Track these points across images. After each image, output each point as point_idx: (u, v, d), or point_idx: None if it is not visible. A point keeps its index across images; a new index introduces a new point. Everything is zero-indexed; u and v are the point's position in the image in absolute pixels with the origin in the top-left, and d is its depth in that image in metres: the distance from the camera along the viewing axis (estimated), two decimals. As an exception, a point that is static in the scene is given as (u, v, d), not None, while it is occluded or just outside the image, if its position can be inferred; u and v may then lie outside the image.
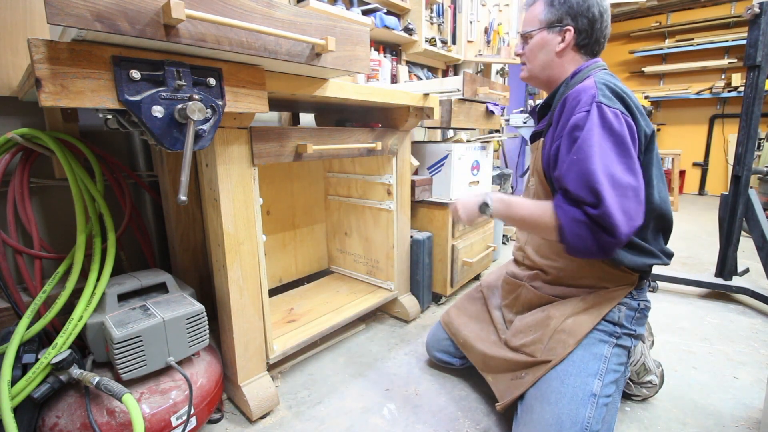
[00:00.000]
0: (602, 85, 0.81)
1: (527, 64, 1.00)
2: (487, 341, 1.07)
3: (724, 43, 4.19)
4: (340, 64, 0.90)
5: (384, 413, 1.05)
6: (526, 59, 1.00)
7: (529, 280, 1.03)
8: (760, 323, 1.54)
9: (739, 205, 1.68)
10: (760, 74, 1.55)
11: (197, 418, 0.88)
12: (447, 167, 1.63)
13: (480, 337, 1.09)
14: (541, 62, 0.96)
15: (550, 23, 0.92)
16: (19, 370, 0.76)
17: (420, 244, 1.57)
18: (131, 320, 0.82)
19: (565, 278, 0.96)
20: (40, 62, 0.56)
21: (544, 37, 0.94)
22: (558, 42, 0.92)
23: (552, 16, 0.91)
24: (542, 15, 0.93)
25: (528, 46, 0.97)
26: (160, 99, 0.66)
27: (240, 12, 0.70)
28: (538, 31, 0.94)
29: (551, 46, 0.93)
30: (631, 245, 0.87)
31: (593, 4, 0.90)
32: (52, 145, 0.94)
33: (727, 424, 1.00)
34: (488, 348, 1.04)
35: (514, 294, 1.07)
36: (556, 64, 0.95)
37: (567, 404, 0.82)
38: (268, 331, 1.06)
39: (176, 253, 1.24)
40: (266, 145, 0.99)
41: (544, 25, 0.93)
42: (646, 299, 0.95)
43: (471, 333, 1.12)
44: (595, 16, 0.90)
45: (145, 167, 1.27)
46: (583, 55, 0.94)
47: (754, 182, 3.24)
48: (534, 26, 0.95)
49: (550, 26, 0.92)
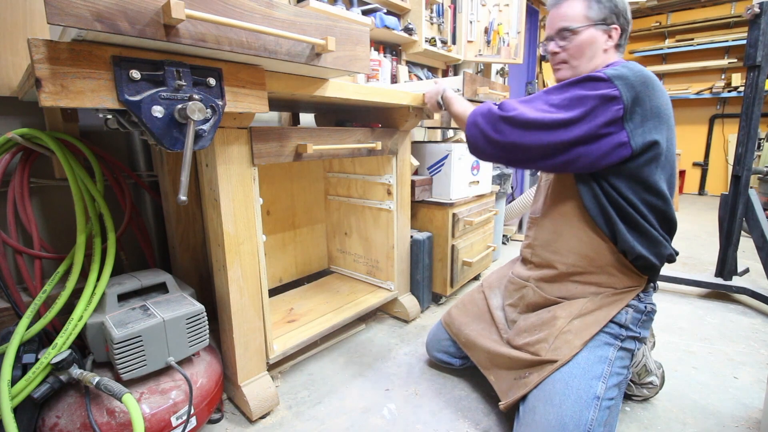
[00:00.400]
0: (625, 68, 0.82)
1: (572, 60, 0.96)
2: (490, 339, 1.06)
3: (724, 43, 4.19)
4: (340, 64, 0.90)
5: (384, 413, 1.05)
6: (569, 56, 0.96)
7: (535, 281, 1.03)
8: (760, 323, 1.54)
9: (739, 205, 1.68)
10: (760, 74, 1.55)
11: (197, 418, 0.88)
12: (447, 167, 1.63)
13: (482, 335, 1.09)
14: (588, 59, 0.95)
15: (600, 20, 0.92)
16: (19, 370, 0.76)
17: (420, 244, 1.57)
18: (131, 320, 0.82)
19: (574, 275, 0.96)
20: (40, 62, 0.56)
21: (593, 34, 0.92)
22: (606, 40, 0.93)
23: (601, 13, 0.92)
24: (589, 12, 0.92)
25: (573, 42, 0.94)
26: (160, 99, 0.66)
27: (240, 12, 0.70)
28: (586, 27, 0.92)
29: (599, 43, 0.93)
30: (642, 232, 0.87)
31: (626, 7, 0.94)
32: (52, 145, 0.94)
33: (727, 424, 1.00)
34: (491, 345, 1.04)
35: (519, 294, 1.06)
36: (599, 62, 0.94)
37: (570, 406, 0.82)
38: (268, 331, 1.06)
39: (176, 253, 1.24)
40: (266, 145, 0.99)
41: (593, 21, 0.92)
42: (652, 302, 0.95)
43: (473, 332, 1.11)
44: (630, 18, 0.94)
45: (145, 167, 1.27)
46: (618, 51, 0.96)
47: (754, 182, 3.24)
48: (580, 22, 0.93)
49: (600, 23, 0.92)
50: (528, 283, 1.04)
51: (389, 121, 1.43)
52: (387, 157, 1.42)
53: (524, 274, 1.07)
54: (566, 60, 0.97)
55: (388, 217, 1.50)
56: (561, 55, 0.97)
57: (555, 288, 0.99)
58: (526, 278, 1.06)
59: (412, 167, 1.58)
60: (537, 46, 3.82)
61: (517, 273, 1.10)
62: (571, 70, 0.97)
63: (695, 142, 4.68)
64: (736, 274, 1.78)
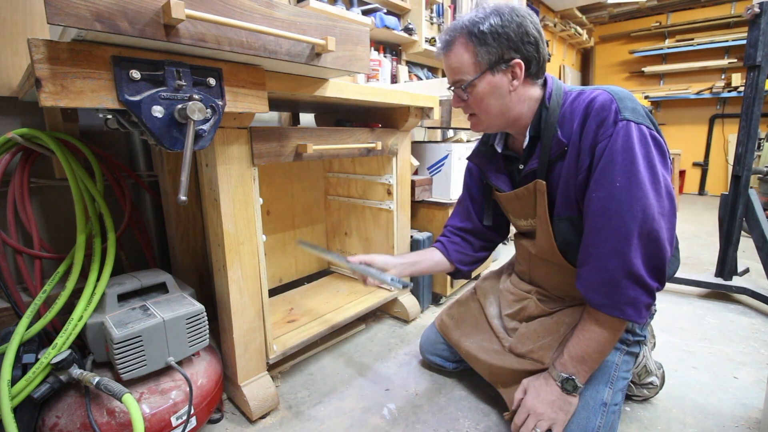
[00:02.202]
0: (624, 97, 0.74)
1: (480, 115, 0.85)
2: (491, 351, 1.03)
3: (724, 43, 4.19)
4: (340, 64, 0.90)
5: (384, 413, 1.05)
6: (473, 111, 0.85)
7: (537, 294, 1.01)
8: (760, 323, 1.54)
9: (739, 205, 1.68)
10: (760, 74, 1.55)
11: (197, 418, 0.88)
12: (447, 167, 1.63)
13: (483, 348, 1.05)
14: (497, 109, 0.82)
15: (492, 64, 0.78)
16: (19, 370, 0.76)
17: (420, 244, 1.57)
18: (131, 320, 0.82)
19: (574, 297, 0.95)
20: (40, 62, 0.56)
21: (491, 80, 0.79)
22: (509, 81, 0.79)
23: (492, 55, 0.77)
24: (478, 58, 0.78)
25: (473, 96, 0.82)
26: (160, 99, 0.66)
27: (240, 12, 0.70)
28: (480, 77, 0.79)
29: (503, 88, 0.79)
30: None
31: (528, 24, 0.77)
32: (52, 145, 0.94)
33: (727, 424, 1.00)
34: (493, 358, 1.01)
35: (520, 305, 1.03)
36: (514, 103, 0.82)
37: (578, 414, 0.81)
38: (268, 331, 1.06)
39: (176, 253, 1.24)
40: (266, 145, 0.99)
41: (486, 67, 0.78)
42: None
43: (473, 344, 1.08)
44: (536, 37, 0.78)
45: (145, 167, 1.27)
46: (535, 79, 0.82)
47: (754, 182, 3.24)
48: (473, 73, 0.79)
49: (494, 67, 0.78)
50: (530, 295, 1.02)
51: (389, 121, 1.43)
52: (387, 157, 1.42)
53: (525, 287, 1.05)
54: (475, 113, 0.86)
55: (388, 217, 1.50)
56: (467, 110, 0.87)
57: (557, 304, 0.98)
58: (527, 290, 1.03)
59: (412, 167, 1.58)
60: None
61: (517, 284, 1.07)
62: (483, 124, 0.87)
63: (695, 142, 4.68)
64: (736, 274, 1.78)
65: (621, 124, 0.72)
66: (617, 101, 0.73)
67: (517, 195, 0.90)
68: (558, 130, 0.80)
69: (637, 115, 0.73)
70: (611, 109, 0.73)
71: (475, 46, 0.78)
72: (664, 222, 0.72)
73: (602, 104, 0.74)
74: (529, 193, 0.87)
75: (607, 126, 0.73)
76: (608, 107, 0.73)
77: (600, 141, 0.74)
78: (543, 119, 0.82)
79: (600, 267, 0.74)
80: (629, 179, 0.70)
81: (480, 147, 1.01)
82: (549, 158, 0.82)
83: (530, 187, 0.86)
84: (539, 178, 0.84)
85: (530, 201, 0.88)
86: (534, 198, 0.87)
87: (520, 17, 0.77)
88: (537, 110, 0.83)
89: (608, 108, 0.73)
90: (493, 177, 0.97)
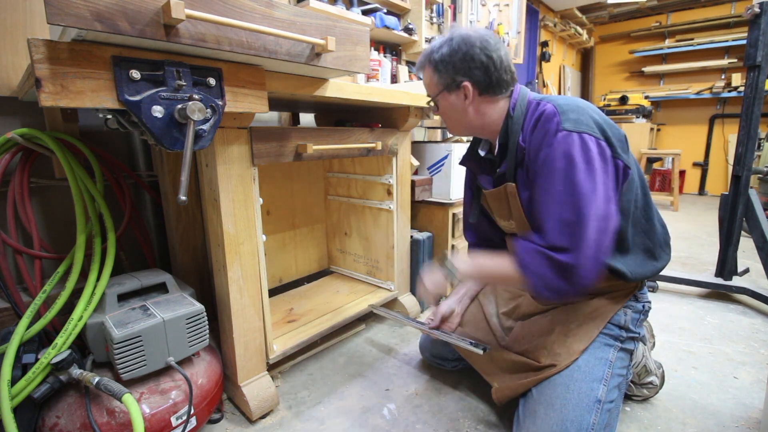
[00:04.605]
0: (566, 109, 0.80)
1: (449, 123, 0.99)
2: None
3: (724, 43, 4.19)
4: (340, 64, 0.90)
5: (384, 413, 1.05)
6: (444, 120, 1.00)
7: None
8: (760, 323, 1.54)
9: (739, 205, 1.68)
10: (760, 74, 1.55)
11: (197, 418, 0.88)
12: (447, 167, 1.63)
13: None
14: (458, 120, 0.94)
15: (446, 86, 0.90)
16: (19, 370, 0.76)
17: (420, 244, 1.57)
18: (131, 320, 0.82)
19: None
20: (40, 62, 0.56)
21: (448, 99, 0.92)
22: (462, 99, 0.90)
23: (444, 80, 0.89)
24: (434, 80, 0.91)
25: (441, 108, 0.96)
26: (160, 99, 0.66)
27: (240, 12, 0.70)
28: (439, 95, 0.92)
29: (458, 105, 0.91)
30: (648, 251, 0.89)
31: (476, 53, 0.85)
32: (52, 145, 0.94)
33: (727, 424, 1.00)
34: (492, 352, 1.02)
35: (515, 303, 1.05)
36: (474, 115, 0.92)
37: (572, 411, 0.82)
38: (268, 331, 1.06)
39: (176, 253, 1.24)
40: (266, 145, 0.99)
41: (442, 88, 0.91)
42: (647, 299, 0.95)
43: None
44: (484, 62, 0.85)
45: (145, 167, 1.27)
46: (493, 95, 0.90)
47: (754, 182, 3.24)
48: (434, 91, 0.93)
49: (448, 88, 0.90)
50: (523, 293, 1.04)
51: (389, 121, 1.43)
52: (387, 157, 1.42)
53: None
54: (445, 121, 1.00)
55: (388, 217, 1.50)
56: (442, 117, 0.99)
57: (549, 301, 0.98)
58: (520, 288, 1.04)
59: (412, 167, 1.58)
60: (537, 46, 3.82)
61: None
62: (452, 130, 1.01)
63: (695, 142, 4.68)
64: (736, 274, 1.78)
65: (561, 134, 0.77)
66: (560, 114, 0.80)
67: (493, 195, 0.97)
68: (519, 136, 0.88)
69: (579, 125, 0.78)
70: (553, 120, 0.80)
71: (433, 71, 0.91)
72: (596, 222, 0.75)
73: (547, 116, 0.81)
74: (503, 195, 0.94)
75: (548, 135, 0.79)
76: (551, 119, 0.80)
77: (542, 149, 0.80)
78: (509, 127, 0.90)
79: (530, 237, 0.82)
80: (568, 185, 0.76)
81: (468, 150, 1.08)
82: (515, 162, 0.89)
83: (502, 189, 0.93)
84: (508, 181, 0.91)
85: (505, 202, 0.95)
86: (507, 200, 0.93)
87: (467, 46, 0.85)
88: (505, 119, 0.91)
89: (551, 119, 0.80)
90: (480, 177, 1.05)
